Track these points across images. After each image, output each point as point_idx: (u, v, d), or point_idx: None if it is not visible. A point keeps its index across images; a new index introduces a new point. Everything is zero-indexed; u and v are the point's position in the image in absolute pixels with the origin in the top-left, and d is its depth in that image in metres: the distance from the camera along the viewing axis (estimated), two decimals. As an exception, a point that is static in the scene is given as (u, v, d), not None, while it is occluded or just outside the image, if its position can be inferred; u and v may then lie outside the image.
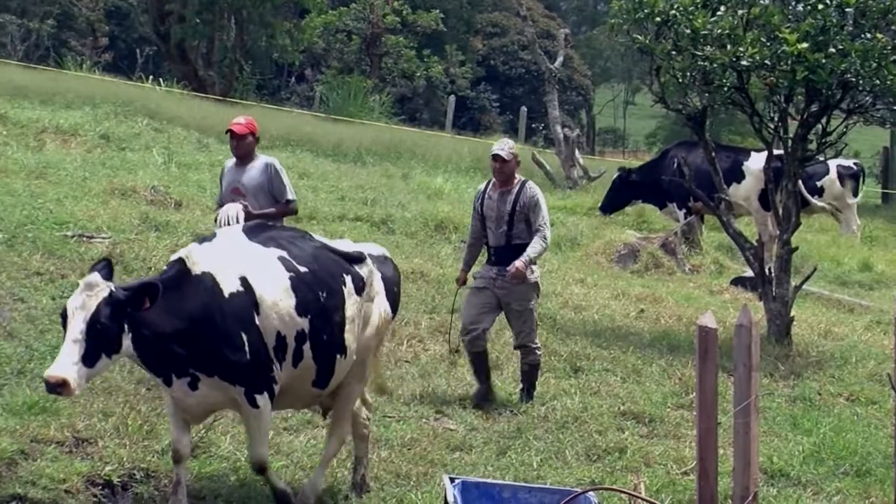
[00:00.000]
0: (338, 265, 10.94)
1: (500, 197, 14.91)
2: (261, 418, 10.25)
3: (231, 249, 10.39)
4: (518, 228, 14.83)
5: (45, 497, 10.82)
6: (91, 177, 23.53)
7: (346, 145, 33.60)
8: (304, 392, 10.86)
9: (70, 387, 9.17)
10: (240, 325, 9.93)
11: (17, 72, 38.68)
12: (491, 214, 14.94)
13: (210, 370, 9.98)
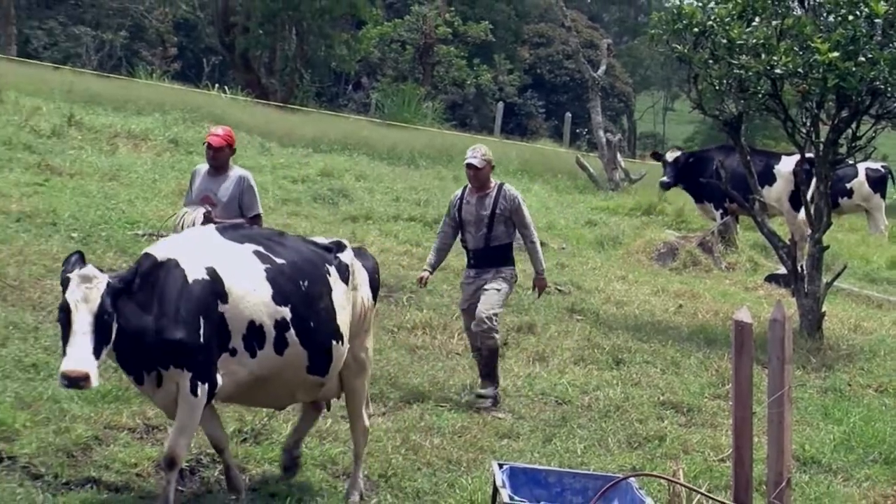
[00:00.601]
0: (319, 255, 10.66)
1: (479, 201, 14.52)
2: (194, 409, 9.71)
3: (202, 243, 10.10)
4: (497, 231, 14.49)
5: (118, 480, 10.86)
6: (160, 179, 23.64)
7: (401, 149, 33.63)
8: (300, 380, 10.43)
9: (91, 379, 8.94)
10: (199, 310, 9.57)
11: (91, 80, 38.87)
12: (470, 218, 14.54)
13: (166, 362, 9.55)
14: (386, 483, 11.50)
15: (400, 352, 15.92)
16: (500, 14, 75.33)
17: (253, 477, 11.31)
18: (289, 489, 10.98)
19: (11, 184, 21.21)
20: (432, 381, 14.83)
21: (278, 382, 10.23)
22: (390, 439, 12.63)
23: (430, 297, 18.46)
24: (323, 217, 22.90)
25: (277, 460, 11.69)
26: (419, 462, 12.12)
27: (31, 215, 18.93)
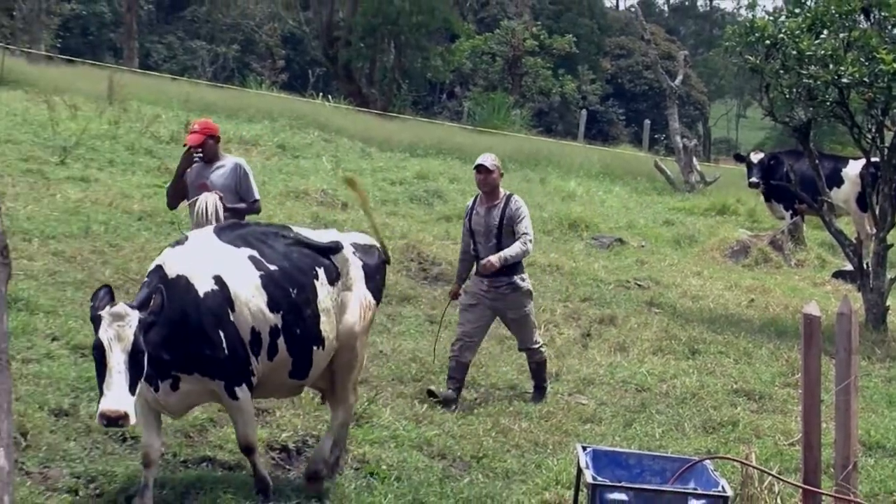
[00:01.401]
0: (309, 259, 10.20)
1: (487, 212, 13.68)
2: (242, 407, 9.63)
3: (203, 251, 9.71)
4: (507, 242, 13.53)
5: (230, 459, 10.93)
6: (269, 181, 23.73)
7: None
8: (282, 383, 10.18)
9: (130, 418, 8.41)
10: (216, 321, 9.33)
11: (206, 90, 39.12)
12: (479, 229, 13.70)
13: (189, 368, 9.32)
14: (478, 463, 11.51)
15: (490, 342, 15.88)
16: (584, 28, 75.16)
17: (356, 457, 11.33)
18: (388, 469, 11.00)
19: (134, 185, 21.40)
20: (520, 369, 14.79)
21: (264, 386, 10.00)
22: (482, 423, 12.64)
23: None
24: (419, 216, 22.93)
25: (378, 441, 11.74)
26: (508, 444, 12.13)
27: (152, 214, 19.08)
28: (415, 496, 10.37)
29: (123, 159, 23.87)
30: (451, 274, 18.71)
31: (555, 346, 16.05)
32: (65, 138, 23.95)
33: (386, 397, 13.07)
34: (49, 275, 15.59)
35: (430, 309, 17.14)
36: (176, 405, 9.67)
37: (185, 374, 9.35)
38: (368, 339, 11.80)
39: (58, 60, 44.96)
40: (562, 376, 14.69)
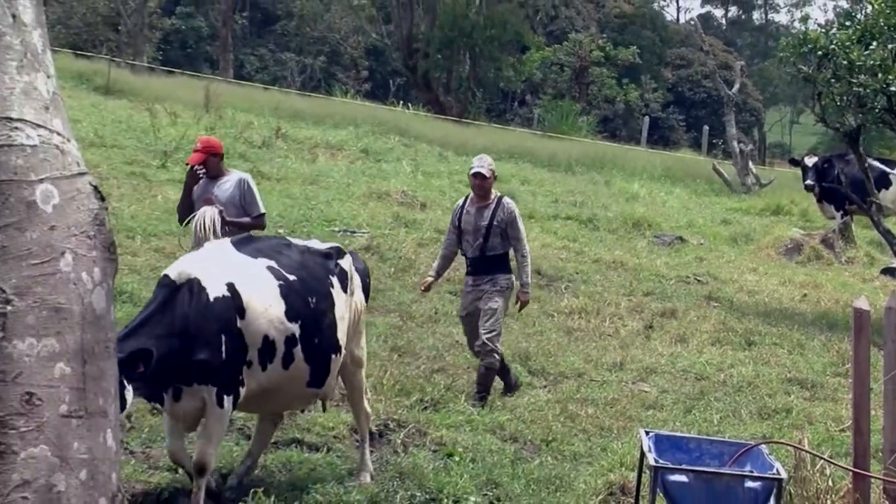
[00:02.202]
0: (324, 268, 9.66)
1: (478, 212, 13.04)
2: (222, 419, 8.88)
3: (219, 259, 9.13)
4: (493, 242, 12.96)
5: (318, 441, 10.96)
6: (353, 183, 23.81)
7: (559, 157, 33.55)
8: (300, 392, 9.57)
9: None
10: (221, 327, 8.65)
11: (295, 99, 39.25)
12: (468, 228, 13.06)
13: (189, 379, 8.62)
14: (547, 447, 11.48)
15: (558, 333, 15.90)
16: (646, 40, 74.94)
17: (434, 439, 11.34)
18: (464, 451, 11.00)
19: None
20: (587, 358, 14.78)
21: (279, 394, 9.42)
22: (551, 409, 12.62)
23: (584, 285, 18.43)
24: (492, 216, 22.92)
25: (454, 425, 11.74)
26: (576, 429, 12.09)
27: (245, 214, 19.19)
28: (488, 476, 10.37)
29: (219, 163, 24.01)
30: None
31: (619, 336, 16.03)
32: (165, 143, 24.13)
33: (461, 384, 13.08)
34: (150, 269, 15.73)
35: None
36: (181, 416, 8.92)
37: (187, 386, 8.68)
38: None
39: (159, 71, 45.29)
40: (626, 365, 14.64)
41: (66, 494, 4.49)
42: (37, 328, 4.50)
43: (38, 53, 4.76)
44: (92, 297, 4.67)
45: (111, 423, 4.68)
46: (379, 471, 10.37)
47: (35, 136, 4.62)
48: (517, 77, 56.27)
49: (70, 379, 4.54)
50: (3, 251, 4.50)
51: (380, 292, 16.48)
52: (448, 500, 9.80)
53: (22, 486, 4.41)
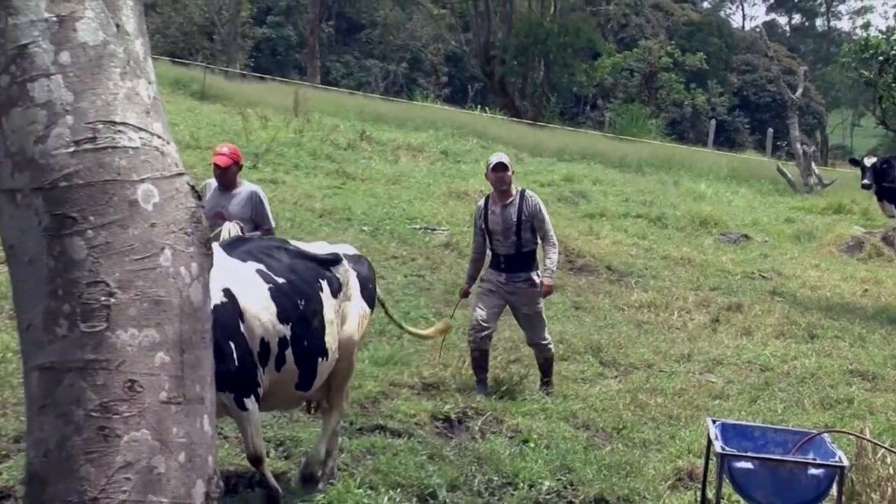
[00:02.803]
0: (314, 271, 9.12)
1: (504, 210, 12.39)
2: (251, 418, 8.50)
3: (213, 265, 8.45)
4: (526, 237, 12.40)
5: (400, 427, 10.99)
6: (433, 183, 23.85)
7: (630, 159, 33.42)
8: (288, 394, 9.09)
9: None
10: (227, 334, 8.12)
11: (379, 103, 39.38)
12: (497, 228, 12.41)
13: None
14: (618, 434, 11.45)
15: (629, 326, 15.85)
16: (713, 46, 74.50)
17: (510, 427, 11.34)
18: (539, 438, 10.99)
19: (316, 187, 21.63)
20: (656, 350, 14.72)
21: (270, 397, 8.92)
22: (621, 398, 12.57)
23: (653, 280, 18.36)
24: (565, 214, 22.86)
25: (529, 413, 11.73)
26: (645, 417, 12.05)
27: (331, 212, 19.29)
28: (562, 462, 10.35)
29: (307, 164, 24.14)
30: (594, 265, 18.69)
31: (687, 329, 15.95)
32: (257, 145, 24.28)
33: (536, 374, 13.06)
34: (243, 264, 15.82)
35: (576, 296, 17.11)
36: None
37: None
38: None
39: (251, 78, 45.59)
40: (693, 357, 14.57)
41: (166, 476, 4.53)
42: (138, 319, 4.54)
43: (140, 61, 4.80)
44: (189, 290, 4.70)
45: (207, 409, 4.72)
46: (458, 456, 10.38)
47: (137, 139, 4.66)
48: (589, 82, 56.22)
49: (169, 367, 4.58)
50: (107, 247, 4.54)
51: (459, 287, 16.48)
52: (523, 485, 9.80)
53: (125, 467, 4.46)
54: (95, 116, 4.59)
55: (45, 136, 4.55)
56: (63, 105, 4.57)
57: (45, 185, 4.54)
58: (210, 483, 4.68)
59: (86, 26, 4.64)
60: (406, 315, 14.87)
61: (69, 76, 4.59)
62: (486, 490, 9.70)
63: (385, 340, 13.78)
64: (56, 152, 4.54)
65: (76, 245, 4.52)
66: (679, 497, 9.60)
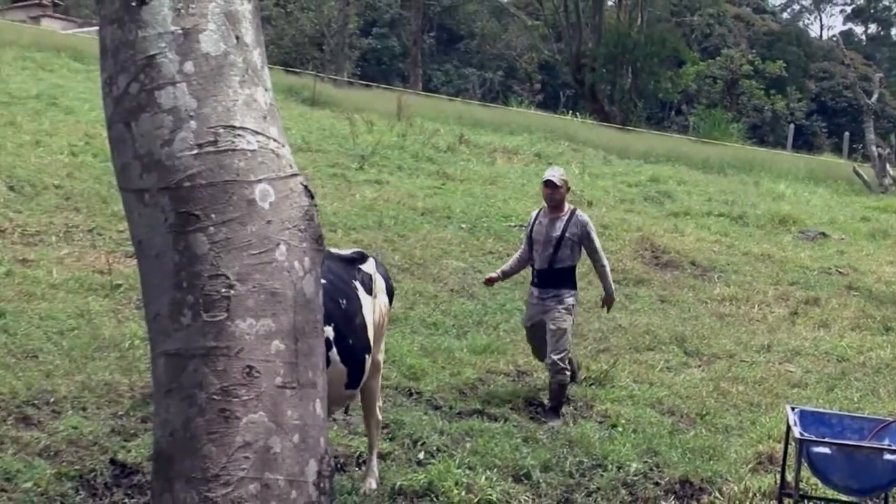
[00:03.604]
0: (347, 271, 8.74)
1: (551, 223, 11.49)
2: None
3: None
4: (563, 254, 11.42)
5: (497, 412, 10.99)
6: (527, 183, 23.78)
7: (712, 161, 33.08)
8: (339, 395, 8.41)
9: None
10: None
11: (476, 109, 39.34)
12: (539, 238, 11.52)
13: None
14: (701, 420, 11.36)
15: (711, 318, 15.71)
16: (792, 55, 73.74)
17: (599, 412, 11.30)
18: (626, 423, 10.94)
19: (417, 187, 21.67)
20: (737, 341, 14.58)
21: None
22: (704, 386, 12.48)
23: (735, 275, 18.18)
24: (651, 213, 22.72)
25: (617, 399, 11.68)
26: (727, 404, 11.95)
27: (432, 211, 19.31)
28: (648, 445, 10.30)
29: (409, 165, 24.19)
30: (678, 261, 18.55)
31: (766, 322, 15.78)
32: (363, 148, 24.38)
33: (624, 363, 13.01)
34: (350, 259, 15.91)
35: (661, 290, 17.00)
36: None
37: None
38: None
39: (357, 85, 45.80)
40: (773, 348, 14.41)
41: (281, 455, 4.56)
42: (255, 310, 4.58)
43: (257, 70, 4.84)
44: (303, 283, 4.73)
45: (319, 393, 4.75)
46: (551, 439, 10.38)
47: (254, 142, 4.70)
48: (674, 89, 55.79)
49: (284, 354, 4.61)
50: (227, 242, 4.59)
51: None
52: (612, 466, 9.77)
53: (244, 447, 4.50)
54: (217, 121, 4.64)
55: (171, 139, 4.61)
56: (187, 111, 4.62)
57: (170, 185, 4.60)
58: (322, 462, 4.71)
59: (208, 38, 4.69)
60: (502, 306, 14.89)
61: (193, 84, 4.64)
62: (576, 471, 9.69)
63: (482, 331, 13.79)
64: (181, 154, 4.60)
65: (199, 241, 4.58)
66: (759, 480, 9.50)
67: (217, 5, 4.73)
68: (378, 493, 8.90)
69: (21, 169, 17.54)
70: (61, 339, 11.10)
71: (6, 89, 24.36)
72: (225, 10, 4.74)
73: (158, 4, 4.66)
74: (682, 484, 9.52)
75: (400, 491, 8.94)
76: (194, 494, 4.48)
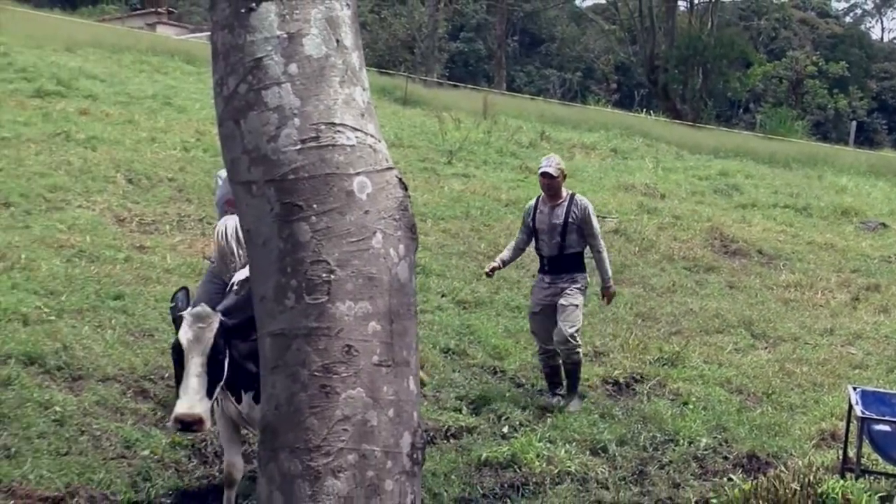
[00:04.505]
0: None
1: (551, 210, 10.76)
2: None
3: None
4: (570, 239, 10.66)
5: (580, 390, 10.96)
6: (604, 177, 23.66)
7: (778, 156, 32.64)
8: None
9: (204, 423, 6.18)
10: None
11: (556, 107, 39.16)
12: (543, 227, 10.77)
13: None
14: (767, 398, 11.25)
15: (777, 303, 15.53)
16: (854, 56, 72.57)
17: (671, 390, 11.22)
18: (697, 400, 10.86)
19: (502, 180, 21.63)
20: (801, 325, 14.39)
21: None
22: (770, 367, 12.35)
23: (799, 263, 17.94)
24: (721, 205, 22.48)
25: (688, 378, 11.58)
26: (792, 384, 11.81)
27: (515, 202, 19.26)
28: (718, 422, 10.23)
29: (494, 160, 24.14)
30: (746, 249, 18.34)
31: (829, 307, 15.55)
32: (451, 144, 24.38)
33: (695, 345, 12.89)
34: (439, 247, 15.95)
35: (730, 277, 16.82)
36: (258, 418, 7.06)
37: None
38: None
39: (446, 86, 45.76)
40: (835, 331, 14.20)
41: (378, 428, 4.58)
42: (354, 293, 4.59)
43: (356, 71, 4.85)
44: (398, 269, 4.73)
45: (412, 371, 4.75)
46: (626, 415, 10.34)
47: (353, 138, 4.71)
48: (742, 88, 55.20)
49: (380, 335, 4.62)
50: (328, 231, 4.60)
51: (626, 267, 16.37)
52: (683, 441, 9.71)
53: (343, 420, 4.52)
54: (318, 119, 4.66)
55: (276, 135, 4.64)
56: (291, 109, 4.65)
57: (276, 177, 4.64)
58: (415, 435, 4.72)
59: (311, 41, 4.72)
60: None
61: (296, 84, 4.67)
62: (650, 445, 9.64)
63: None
64: (285, 149, 4.63)
65: (302, 229, 4.60)
66: (823, 455, 9.38)
67: (319, 11, 4.76)
68: (465, 464, 8.92)
69: (138, 163, 17.77)
70: (175, 318, 11.23)
71: (125, 90, 24.67)
72: (326, 16, 4.77)
73: (265, 11, 4.70)
74: (749, 458, 9.44)
75: (486, 462, 8.97)
76: (297, 463, 4.51)
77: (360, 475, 4.51)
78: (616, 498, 8.33)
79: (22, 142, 18.03)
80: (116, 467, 8.24)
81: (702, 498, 8.19)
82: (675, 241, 18.23)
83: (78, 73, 25.34)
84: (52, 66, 25.59)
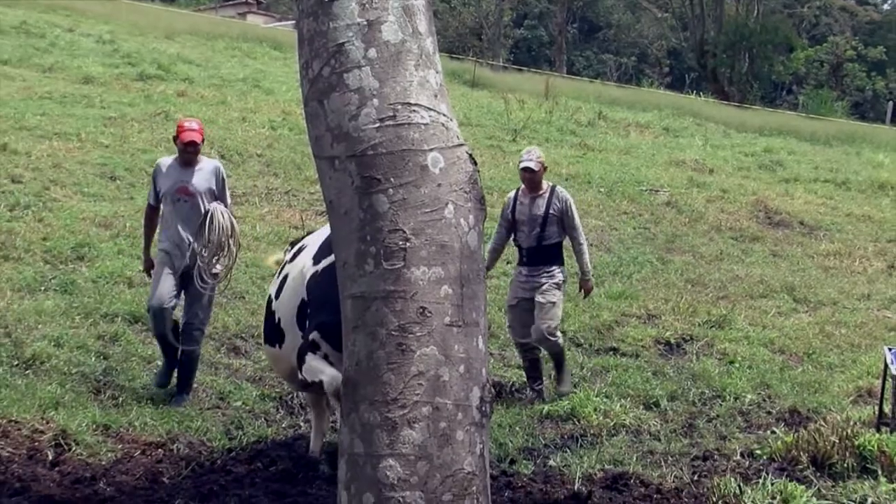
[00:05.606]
0: None
1: (532, 201, 9.98)
2: None
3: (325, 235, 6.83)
4: (550, 231, 9.90)
5: (629, 350, 10.95)
6: (657, 154, 23.45)
7: (819, 134, 32.13)
8: None
9: None
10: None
11: (612, 90, 38.80)
12: (523, 218, 9.98)
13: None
14: (808, 358, 11.14)
15: (817, 270, 15.33)
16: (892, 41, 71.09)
17: (718, 350, 11.14)
18: (742, 360, 10.76)
19: (562, 156, 21.51)
20: (840, 290, 14.21)
21: None
22: (811, 329, 12.23)
23: (838, 233, 17.68)
24: (765, 179, 22.18)
25: (734, 340, 11.47)
26: (831, 345, 11.68)
27: (574, 176, 19.17)
28: (761, 380, 10.16)
29: (555, 138, 24.02)
30: (788, 221, 18.09)
31: (866, 274, 15.35)
32: (515, 123, 24.26)
33: (740, 308, 12.77)
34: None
35: (773, 246, 16.61)
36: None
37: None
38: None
39: (511, 69, 45.49)
40: (872, 296, 14.00)
41: (449, 383, 4.57)
42: (428, 260, 4.59)
43: (430, 55, 4.84)
44: (468, 237, 4.72)
45: (481, 331, 4.74)
46: (676, 373, 10.31)
47: (427, 117, 4.71)
48: (785, 71, 54.60)
49: (452, 298, 4.62)
50: (404, 202, 4.61)
51: (677, 237, 16.24)
52: (730, 397, 9.66)
53: (418, 375, 4.52)
54: (395, 99, 4.67)
55: (357, 114, 4.66)
56: (370, 90, 4.66)
57: (356, 153, 4.65)
58: (483, 389, 4.72)
59: (388, 28, 4.72)
60: (634, 259, 14.72)
61: (375, 67, 4.68)
62: (699, 400, 9.60)
63: (617, 279, 13.67)
64: (365, 127, 4.64)
65: (380, 200, 4.61)
66: (860, 411, 9.26)
67: (396, 0, 4.75)
68: (528, 417, 8.93)
69: (230, 141, 17.91)
70: (263, 282, 11.32)
71: (218, 74, 24.84)
72: (403, 4, 4.78)
73: (347, 0, 4.70)
74: (791, 413, 9.35)
75: (547, 415, 9.00)
76: (376, 415, 4.53)
77: (433, 426, 4.52)
78: (667, 448, 8.29)
79: (126, 121, 18.26)
80: (212, 416, 8.35)
81: (747, 449, 8.12)
82: (723, 212, 18.02)
83: (176, 59, 25.58)
84: (153, 52, 25.85)
